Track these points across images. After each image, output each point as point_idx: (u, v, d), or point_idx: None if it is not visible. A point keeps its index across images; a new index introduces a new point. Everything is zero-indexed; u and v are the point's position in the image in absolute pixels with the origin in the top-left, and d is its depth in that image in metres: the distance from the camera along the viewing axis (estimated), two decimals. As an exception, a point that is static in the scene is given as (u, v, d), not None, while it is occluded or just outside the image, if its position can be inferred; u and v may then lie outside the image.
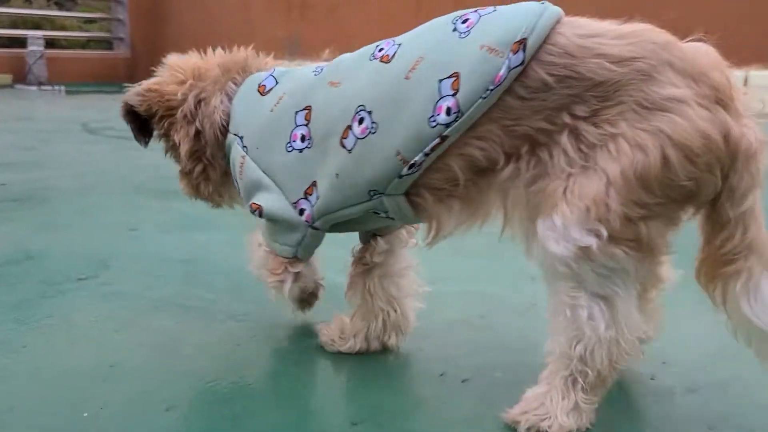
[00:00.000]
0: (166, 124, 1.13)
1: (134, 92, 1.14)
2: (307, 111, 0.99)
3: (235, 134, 1.08)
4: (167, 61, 1.18)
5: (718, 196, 0.83)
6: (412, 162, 0.88)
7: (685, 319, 1.29)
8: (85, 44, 11.70)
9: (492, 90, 0.82)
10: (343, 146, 0.94)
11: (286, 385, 1.01)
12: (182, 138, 1.11)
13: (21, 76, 9.56)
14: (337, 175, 0.96)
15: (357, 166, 0.93)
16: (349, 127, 0.93)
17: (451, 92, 0.84)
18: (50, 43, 10.28)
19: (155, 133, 1.19)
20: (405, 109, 0.88)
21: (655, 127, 0.78)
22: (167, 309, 1.30)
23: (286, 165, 1.01)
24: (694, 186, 0.80)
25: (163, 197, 2.35)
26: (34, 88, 9.21)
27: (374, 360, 1.11)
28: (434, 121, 0.85)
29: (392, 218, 0.98)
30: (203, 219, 2.04)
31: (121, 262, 1.60)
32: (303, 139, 0.99)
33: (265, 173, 1.03)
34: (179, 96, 1.11)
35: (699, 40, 0.86)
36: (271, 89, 1.06)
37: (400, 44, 0.94)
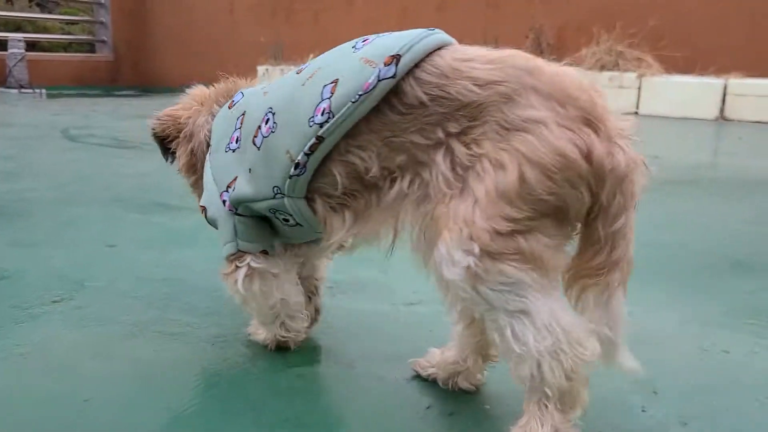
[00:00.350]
0: (175, 145, 1.27)
1: (156, 117, 1.29)
2: (242, 116, 1.10)
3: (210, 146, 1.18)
4: (188, 90, 1.31)
5: (591, 213, 0.87)
6: (297, 161, 0.96)
7: (671, 345, 1.28)
8: (67, 46, 11.57)
9: (361, 95, 0.89)
10: (254, 144, 1.04)
11: (269, 420, 0.98)
12: (181, 154, 1.24)
13: (1, 78, 9.42)
14: (250, 170, 1.06)
15: (263, 162, 1.03)
16: (259, 127, 1.04)
17: (329, 95, 0.92)
18: (31, 45, 10.15)
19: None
20: (296, 111, 0.97)
21: (513, 147, 0.83)
22: (146, 335, 1.26)
23: (222, 164, 1.12)
24: (559, 201, 0.84)
25: (144, 210, 2.30)
26: (14, 91, 9.08)
27: (360, 390, 1.07)
28: (312, 121, 0.93)
29: (300, 224, 1.05)
30: (185, 234, 2.00)
31: (98, 282, 1.55)
32: (236, 140, 1.09)
33: (213, 175, 1.14)
34: (184, 120, 1.24)
35: (569, 64, 0.90)
36: (236, 102, 1.16)
37: (315, 60, 1.04)
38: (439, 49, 0.90)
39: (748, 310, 1.46)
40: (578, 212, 0.86)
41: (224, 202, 1.10)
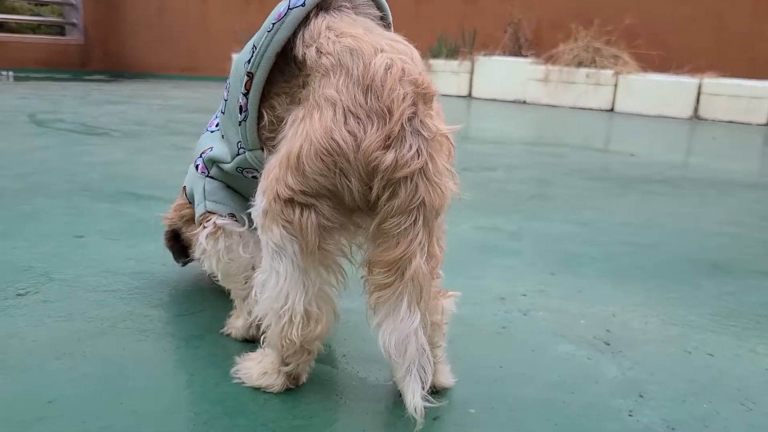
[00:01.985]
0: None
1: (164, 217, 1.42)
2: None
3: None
4: None
5: (371, 206, 0.88)
6: (240, 104, 1.01)
7: (655, 347, 1.26)
8: (35, 28, 11.26)
9: (274, 24, 0.94)
10: (222, 112, 1.12)
11: (244, 424, 0.93)
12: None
13: (-35, 60, 9.13)
14: (222, 136, 1.12)
15: (229, 122, 1.08)
16: (224, 95, 1.10)
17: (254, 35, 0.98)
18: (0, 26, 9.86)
19: None
20: (238, 62, 1.02)
21: (306, 121, 0.87)
22: (115, 332, 1.20)
23: (201, 140, 1.19)
24: (330, 185, 0.86)
25: (113, 200, 2.23)
26: (-21, 73, 8.81)
27: (341, 392, 1.03)
28: (245, 61, 0.99)
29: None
30: (156, 226, 1.92)
31: (65, 275, 1.49)
32: (216, 125, 1.17)
33: (193, 155, 1.21)
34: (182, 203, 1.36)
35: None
36: None
37: None
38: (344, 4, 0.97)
39: (729, 312, 1.45)
40: (352, 201, 0.88)
41: (197, 167, 1.17)
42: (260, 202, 0.92)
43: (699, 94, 6.29)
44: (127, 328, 1.23)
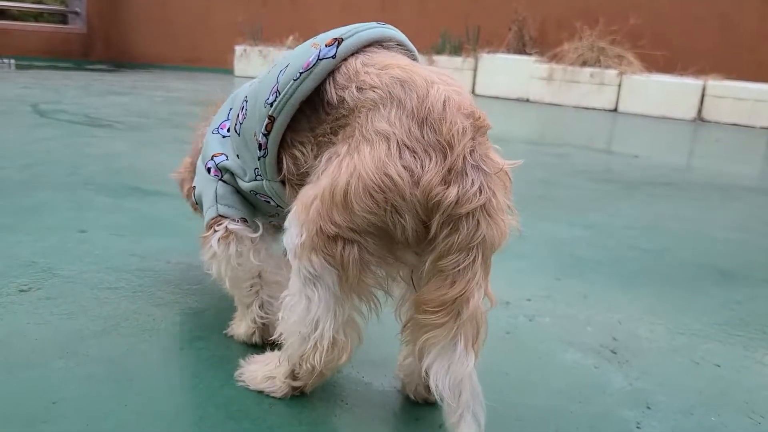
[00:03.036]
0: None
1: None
2: (231, 109, 1.15)
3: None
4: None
5: (425, 243, 0.84)
6: (260, 142, 0.99)
7: (662, 357, 1.26)
8: (37, 16, 11.21)
9: (301, 73, 0.91)
10: (236, 131, 1.09)
11: (249, 429, 0.92)
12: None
13: (-33, 47, 9.10)
14: (238, 155, 1.10)
15: (244, 147, 1.07)
16: (238, 115, 1.09)
17: (280, 78, 0.95)
18: (1, 13, 9.82)
19: None
20: (259, 96, 1.00)
21: (354, 155, 0.83)
22: (118, 332, 1.20)
23: (209, 141, 1.16)
24: (380, 222, 0.82)
25: (116, 194, 2.22)
26: (-19, 60, 8.78)
27: (346, 396, 1.03)
28: (266, 102, 0.96)
29: (281, 206, 1.07)
30: (160, 222, 1.92)
31: (68, 271, 1.48)
32: (227, 129, 1.15)
33: (201, 155, 1.18)
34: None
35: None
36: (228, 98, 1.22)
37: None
38: (380, 43, 0.94)
39: (737, 321, 1.44)
40: (404, 238, 0.83)
41: (209, 169, 1.13)
42: (297, 233, 0.88)
43: (703, 95, 6.27)
44: (131, 327, 1.22)
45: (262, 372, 1.02)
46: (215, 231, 1.09)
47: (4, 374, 1.03)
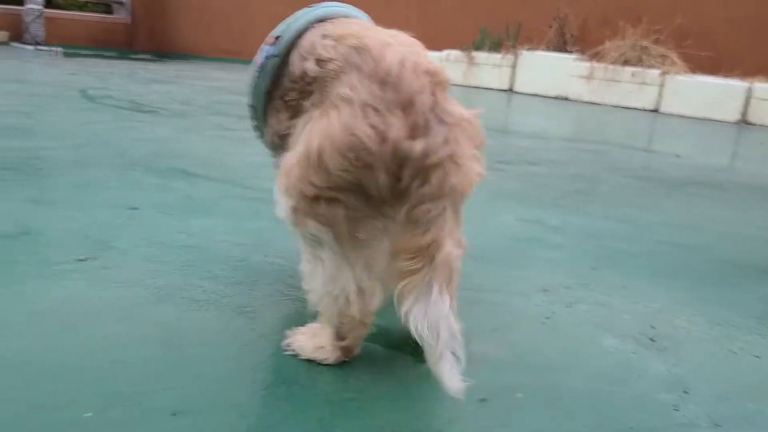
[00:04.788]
0: None
1: None
2: None
3: None
4: None
5: (399, 194, 0.89)
6: (254, 124, 1.17)
7: (700, 346, 1.26)
8: (82, 6, 11.47)
9: (258, 72, 1.08)
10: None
11: (298, 394, 0.97)
12: None
13: (18, 34, 9.37)
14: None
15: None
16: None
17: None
18: (49, 2, 10.07)
19: None
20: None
21: (323, 121, 0.90)
22: (171, 300, 1.25)
23: None
24: (354, 179, 0.88)
25: (163, 175, 2.29)
26: (30, 47, 9.04)
27: (387, 374, 1.06)
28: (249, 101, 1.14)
29: None
30: (204, 203, 1.98)
31: (121, 244, 1.54)
32: None
33: None
34: None
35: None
36: None
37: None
38: (323, 21, 1.03)
39: (777, 316, 1.44)
40: (380, 191, 0.89)
41: None
42: (285, 200, 0.95)
43: (748, 98, 6.15)
44: (182, 297, 1.27)
45: (312, 343, 1.06)
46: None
47: (69, 333, 1.09)
